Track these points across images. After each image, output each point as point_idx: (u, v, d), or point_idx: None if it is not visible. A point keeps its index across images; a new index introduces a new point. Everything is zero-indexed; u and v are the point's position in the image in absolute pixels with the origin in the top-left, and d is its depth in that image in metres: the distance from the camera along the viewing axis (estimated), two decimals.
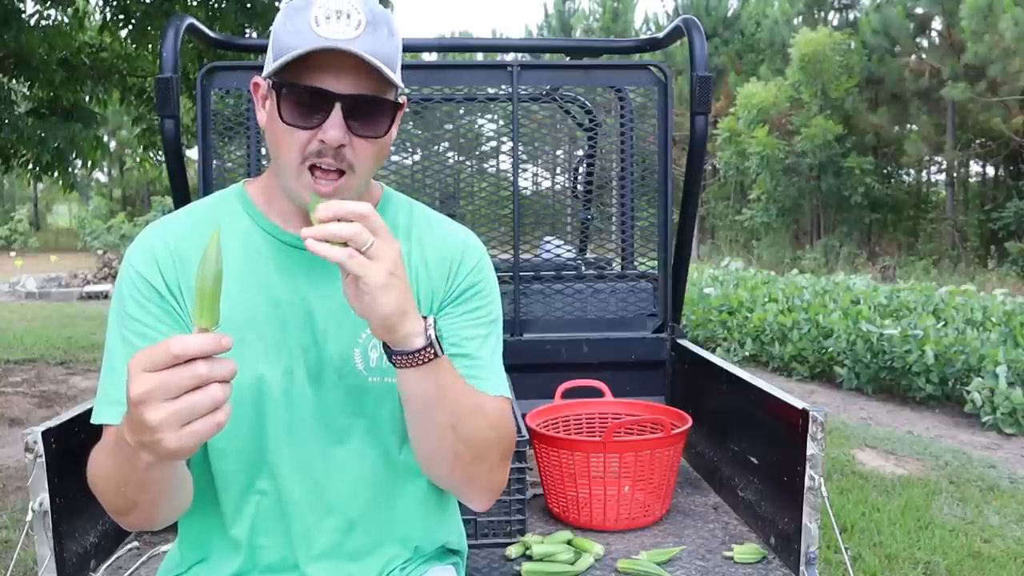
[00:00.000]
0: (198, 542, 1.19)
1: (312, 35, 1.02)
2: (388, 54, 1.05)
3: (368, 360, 1.16)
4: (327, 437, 1.15)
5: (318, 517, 1.16)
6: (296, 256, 1.15)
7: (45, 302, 12.62)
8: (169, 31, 2.11)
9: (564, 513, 1.88)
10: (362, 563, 1.19)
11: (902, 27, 17.18)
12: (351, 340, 1.15)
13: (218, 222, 1.15)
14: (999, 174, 20.35)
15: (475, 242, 1.25)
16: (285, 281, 1.14)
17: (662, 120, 2.38)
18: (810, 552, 1.51)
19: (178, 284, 1.12)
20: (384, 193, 1.25)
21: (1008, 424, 5.18)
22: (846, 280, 9.91)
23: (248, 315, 1.12)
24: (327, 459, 1.15)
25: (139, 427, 0.82)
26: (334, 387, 1.15)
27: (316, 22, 1.02)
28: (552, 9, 27.66)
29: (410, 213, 1.24)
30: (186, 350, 0.81)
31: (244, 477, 1.14)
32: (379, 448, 1.18)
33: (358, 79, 1.04)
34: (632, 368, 2.37)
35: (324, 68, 1.03)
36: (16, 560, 1.48)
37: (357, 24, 1.03)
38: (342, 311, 1.14)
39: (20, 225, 26.28)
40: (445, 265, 1.20)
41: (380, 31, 1.05)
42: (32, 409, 5.61)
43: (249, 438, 1.13)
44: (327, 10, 1.03)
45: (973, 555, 3.29)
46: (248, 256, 1.14)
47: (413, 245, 1.21)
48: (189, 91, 5.07)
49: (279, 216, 1.16)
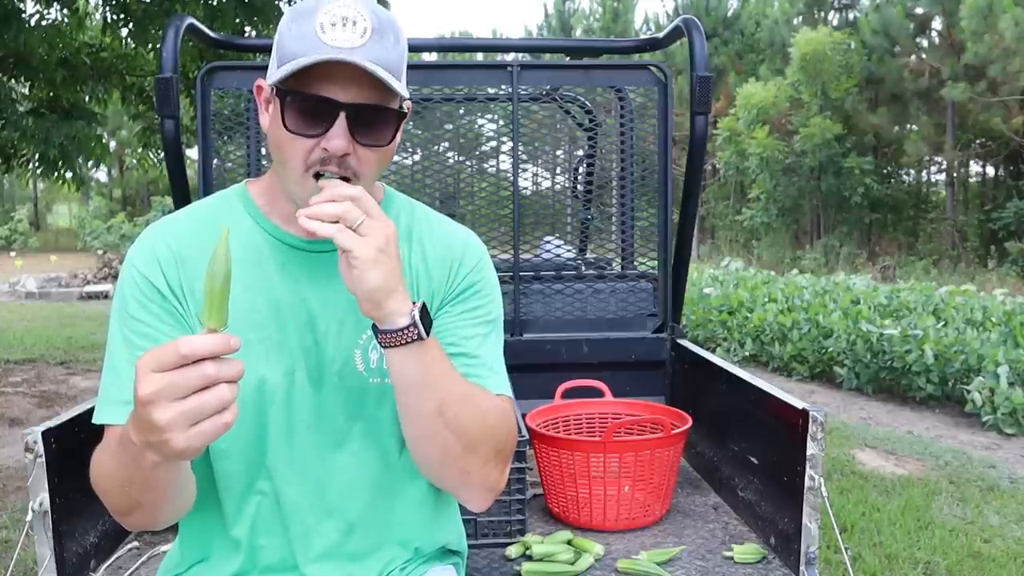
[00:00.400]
0: (198, 542, 1.19)
1: (317, 42, 1.01)
2: (393, 61, 1.05)
3: (368, 361, 1.16)
4: (327, 439, 1.15)
5: (318, 518, 1.16)
6: (298, 257, 1.15)
7: (45, 302, 12.62)
8: (169, 31, 2.11)
9: (564, 513, 1.88)
10: (362, 564, 1.19)
11: (902, 27, 17.17)
12: (352, 342, 1.15)
13: (220, 222, 1.15)
14: (999, 174, 20.35)
15: (476, 242, 1.25)
16: (287, 282, 1.14)
17: (662, 120, 2.37)
18: (810, 552, 1.51)
19: (180, 284, 1.12)
20: (386, 193, 1.25)
21: (1008, 424, 5.18)
22: (846, 280, 9.91)
23: (250, 316, 1.12)
24: (327, 461, 1.15)
25: (147, 427, 0.83)
26: (335, 389, 1.15)
27: (322, 28, 1.01)
28: (552, 9, 27.65)
29: (411, 213, 1.25)
30: (195, 351, 0.81)
31: (244, 478, 1.14)
32: (379, 450, 1.18)
33: (362, 88, 1.04)
34: (632, 368, 2.37)
35: (329, 77, 1.02)
36: (16, 560, 1.48)
37: (363, 32, 1.02)
38: (343, 313, 1.14)
39: (20, 225, 26.27)
40: (445, 265, 1.20)
41: (386, 38, 1.04)
42: (32, 409, 5.61)
43: (250, 439, 1.13)
44: (333, 16, 1.02)
45: (973, 555, 3.29)
46: (250, 257, 1.14)
47: (414, 245, 1.21)
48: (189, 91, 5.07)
49: (280, 217, 1.16)
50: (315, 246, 1.14)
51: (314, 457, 1.15)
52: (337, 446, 1.16)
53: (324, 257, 1.15)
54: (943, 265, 16.04)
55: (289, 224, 1.15)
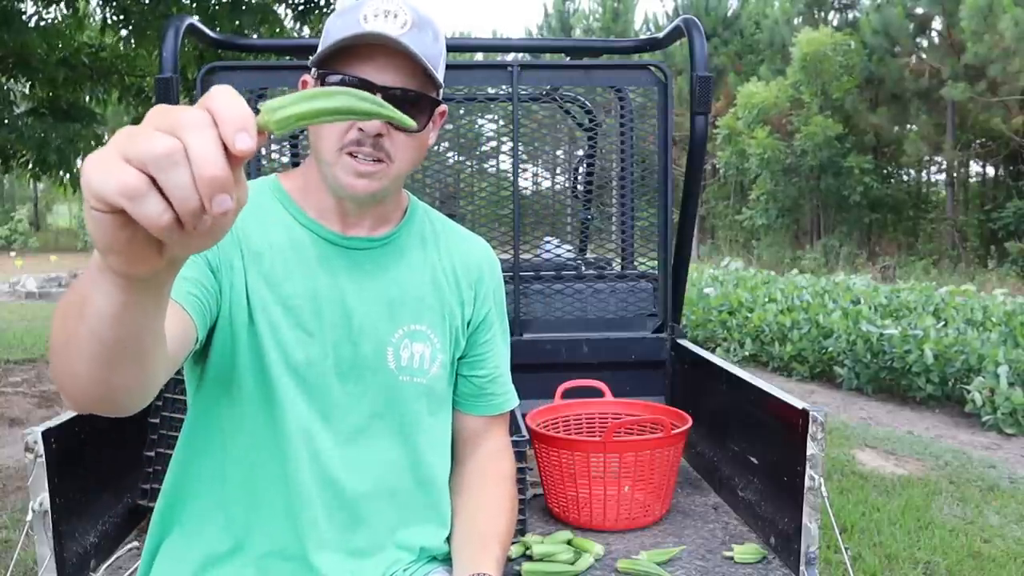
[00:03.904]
0: (206, 526, 1.17)
1: (359, 29, 1.07)
2: (431, 55, 1.10)
3: (400, 359, 1.19)
4: (348, 432, 1.16)
5: (329, 510, 1.16)
6: (335, 252, 1.17)
7: (45, 302, 12.61)
8: (169, 31, 2.11)
9: (564, 513, 1.88)
10: (367, 561, 1.19)
11: (902, 27, 17.18)
12: (385, 339, 1.18)
13: (261, 208, 1.16)
14: (999, 174, 20.35)
15: (493, 256, 1.33)
16: (326, 274, 1.16)
17: (662, 120, 2.37)
18: (810, 552, 1.51)
19: (236, 257, 1.11)
20: (411, 201, 1.30)
21: (1008, 424, 5.18)
22: (846, 280, 9.92)
23: (287, 301, 1.13)
24: (345, 454, 1.16)
25: None
26: (362, 383, 1.17)
27: (365, 19, 1.08)
28: (552, 9, 27.66)
29: (432, 223, 1.30)
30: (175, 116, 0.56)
31: (260, 463, 1.14)
32: (398, 449, 1.19)
33: (399, 73, 1.09)
34: (632, 368, 2.37)
35: (367, 59, 1.08)
36: (16, 560, 1.48)
37: (403, 23, 1.08)
38: (379, 309, 1.18)
39: (20, 225, 26.28)
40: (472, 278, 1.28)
41: (425, 33, 1.10)
42: (32, 409, 5.61)
43: (269, 426, 1.12)
44: (376, 9, 1.08)
45: (973, 555, 3.29)
46: (291, 245, 1.16)
47: (443, 253, 1.27)
48: (189, 91, 5.07)
49: (316, 212, 1.18)
50: (351, 242, 1.18)
51: (332, 448, 1.15)
52: (356, 440, 1.17)
53: (360, 254, 1.19)
54: (943, 265, 16.05)
55: (324, 219, 1.18)
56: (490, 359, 1.30)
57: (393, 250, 1.21)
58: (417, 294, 1.22)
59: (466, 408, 1.32)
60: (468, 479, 1.30)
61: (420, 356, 1.21)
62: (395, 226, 1.24)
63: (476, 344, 1.29)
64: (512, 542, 1.75)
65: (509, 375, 1.36)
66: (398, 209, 1.26)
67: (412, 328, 1.21)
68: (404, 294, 1.20)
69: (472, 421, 1.32)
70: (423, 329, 1.22)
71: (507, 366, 1.35)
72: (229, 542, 1.15)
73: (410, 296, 1.20)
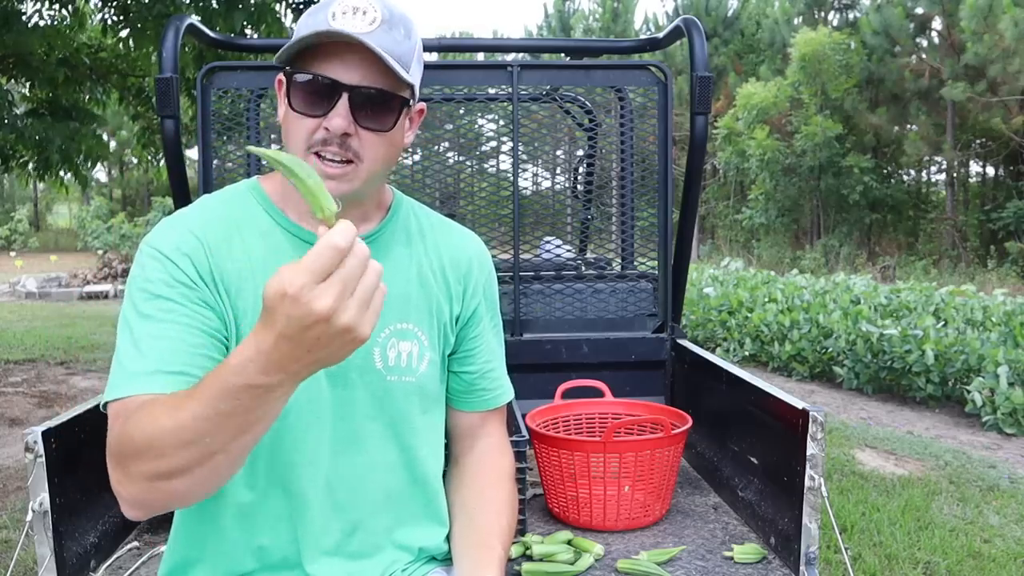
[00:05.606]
0: (201, 538, 1.17)
1: (325, 27, 1.05)
2: (401, 53, 1.08)
3: (387, 359, 1.18)
4: (343, 437, 1.16)
5: (326, 517, 1.16)
6: None
7: (45, 302, 12.62)
8: (169, 31, 2.11)
9: (564, 513, 1.88)
10: (365, 563, 1.19)
11: (902, 27, 17.17)
12: (371, 339, 1.16)
13: (236, 216, 1.16)
14: (999, 174, 20.34)
15: (482, 247, 1.31)
16: None
17: (662, 120, 2.37)
18: (810, 552, 1.51)
19: (210, 272, 1.11)
20: (395, 197, 1.28)
21: (1008, 424, 5.18)
22: (846, 280, 9.91)
23: None
24: (339, 459, 1.16)
25: (327, 339, 0.81)
26: (353, 386, 1.16)
27: (333, 16, 1.06)
28: (552, 9, 27.64)
29: (418, 217, 1.28)
30: (349, 239, 0.80)
31: (257, 473, 1.14)
32: (392, 451, 1.19)
33: (366, 71, 1.07)
34: (632, 368, 2.37)
35: (334, 58, 1.06)
36: (16, 560, 1.48)
37: (372, 20, 1.06)
38: None
39: (20, 225, 26.26)
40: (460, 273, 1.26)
41: (396, 31, 1.08)
42: (32, 409, 5.61)
43: (266, 435, 1.12)
44: (345, 6, 1.06)
45: (973, 555, 3.29)
46: (271, 253, 1.15)
47: (429, 248, 1.25)
48: (189, 91, 5.08)
49: (296, 213, 1.18)
50: None
51: (327, 454, 1.15)
52: (351, 445, 1.16)
53: None
54: (943, 265, 16.05)
55: (304, 220, 1.17)
56: (480, 354, 1.29)
57: (376, 248, 1.19)
58: (402, 292, 1.21)
59: (459, 404, 1.31)
60: (466, 476, 1.30)
61: (408, 355, 1.20)
62: (377, 224, 1.22)
63: (465, 339, 1.28)
64: (512, 542, 1.76)
65: (503, 369, 1.34)
66: (380, 207, 1.24)
67: (398, 327, 1.20)
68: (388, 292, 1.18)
69: (466, 417, 1.32)
70: (410, 327, 1.21)
71: (500, 360, 1.34)
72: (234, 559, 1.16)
73: (395, 294, 1.19)
